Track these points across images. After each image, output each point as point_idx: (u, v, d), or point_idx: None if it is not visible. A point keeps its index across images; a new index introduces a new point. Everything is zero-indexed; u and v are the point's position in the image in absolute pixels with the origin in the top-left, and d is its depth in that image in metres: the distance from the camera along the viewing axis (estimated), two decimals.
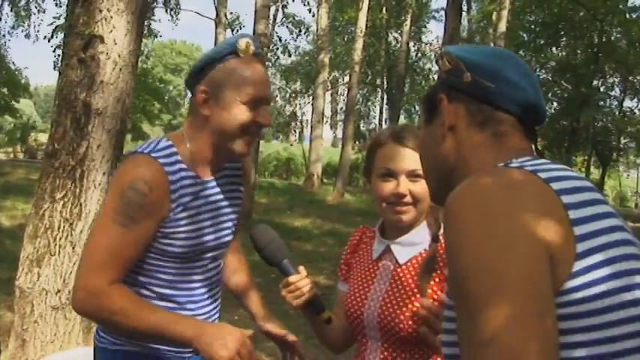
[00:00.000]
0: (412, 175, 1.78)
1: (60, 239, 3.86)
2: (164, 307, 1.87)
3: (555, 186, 1.02)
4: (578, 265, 0.96)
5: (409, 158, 1.77)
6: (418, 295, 1.75)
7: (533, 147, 1.22)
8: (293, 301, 1.85)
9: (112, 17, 3.87)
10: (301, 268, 1.90)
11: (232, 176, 2.06)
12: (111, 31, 3.88)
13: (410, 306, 1.76)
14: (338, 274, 2.06)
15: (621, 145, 30.52)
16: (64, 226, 3.86)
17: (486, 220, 0.97)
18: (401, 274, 1.82)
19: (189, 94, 1.98)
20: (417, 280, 1.78)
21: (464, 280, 0.97)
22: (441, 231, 1.72)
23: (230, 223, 2.05)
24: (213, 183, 1.96)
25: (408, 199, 1.79)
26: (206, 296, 2.00)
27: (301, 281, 1.86)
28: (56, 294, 3.85)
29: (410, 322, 1.73)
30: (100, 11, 3.86)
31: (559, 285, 0.95)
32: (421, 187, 1.75)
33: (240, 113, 1.84)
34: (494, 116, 1.19)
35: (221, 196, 1.99)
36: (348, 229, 13.66)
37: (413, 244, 1.84)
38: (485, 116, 1.19)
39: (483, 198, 1.00)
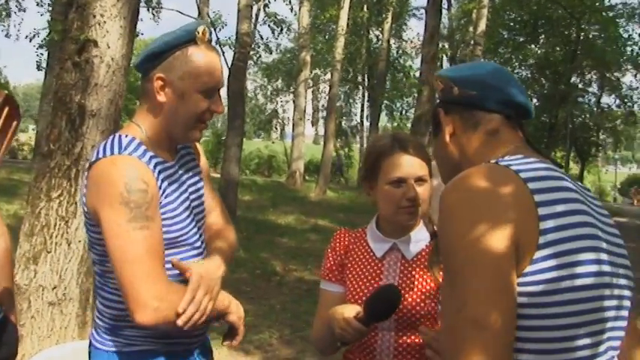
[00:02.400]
0: (419, 180, 1.96)
1: (56, 237, 3.92)
2: None
3: (532, 185, 1.20)
4: (538, 254, 1.15)
5: (415, 165, 1.96)
6: (429, 280, 1.95)
7: (524, 138, 1.41)
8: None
9: (105, 22, 3.94)
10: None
11: (188, 156, 2.05)
12: (104, 35, 3.95)
13: (422, 293, 1.94)
14: (324, 275, 2.12)
15: (599, 141, 30.97)
16: (59, 224, 3.92)
17: (468, 211, 1.18)
18: (409, 268, 2.01)
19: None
20: (426, 270, 1.98)
21: (447, 257, 1.19)
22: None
23: (202, 201, 2.04)
24: (177, 166, 1.96)
25: (417, 201, 1.97)
26: None
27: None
28: (52, 290, 3.90)
29: (424, 307, 1.92)
30: (94, 16, 3.93)
31: (521, 269, 1.14)
32: (424, 190, 1.97)
33: (197, 102, 1.83)
34: (484, 117, 1.40)
35: (186, 176, 1.99)
36: (331, 224, 13.79)
37: (417, 241, 2.04)
38: (476, 119, 1.41)
39: (468, 193, 1.20)
